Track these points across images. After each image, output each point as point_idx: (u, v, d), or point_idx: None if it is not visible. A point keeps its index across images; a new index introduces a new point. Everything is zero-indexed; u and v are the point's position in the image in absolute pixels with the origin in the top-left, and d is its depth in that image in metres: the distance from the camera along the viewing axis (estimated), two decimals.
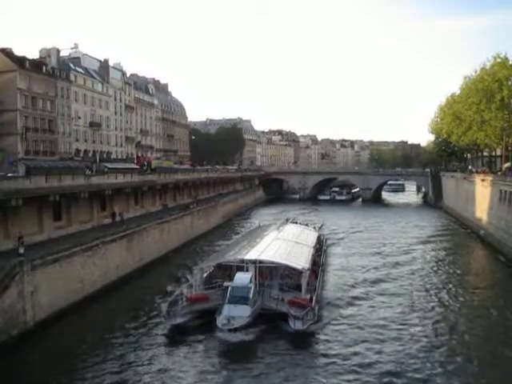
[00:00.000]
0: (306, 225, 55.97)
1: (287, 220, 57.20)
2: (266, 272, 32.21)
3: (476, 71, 69.04)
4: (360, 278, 40.27)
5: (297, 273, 31.52)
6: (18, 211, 34.28)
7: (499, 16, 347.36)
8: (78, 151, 73.25)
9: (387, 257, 49.33)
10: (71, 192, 40.65)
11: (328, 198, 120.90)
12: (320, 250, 44.97)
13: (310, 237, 45.84)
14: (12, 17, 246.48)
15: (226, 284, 28.97)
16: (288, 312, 27.20)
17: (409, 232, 66.10)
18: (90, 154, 75.40)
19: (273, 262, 31.80)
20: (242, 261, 31.10)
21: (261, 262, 30.81)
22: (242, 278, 28.83)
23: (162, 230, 51.19)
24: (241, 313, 26.32)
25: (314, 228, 54.06)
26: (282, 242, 39.05)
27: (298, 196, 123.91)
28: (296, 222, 56.19)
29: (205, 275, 33.23)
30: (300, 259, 33.48)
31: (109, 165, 66.54)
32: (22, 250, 29.92)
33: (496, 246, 50.33)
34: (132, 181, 53.25)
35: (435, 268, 44.48)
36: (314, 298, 29.06)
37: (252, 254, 32.14)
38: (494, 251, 49.82)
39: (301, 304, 27.85)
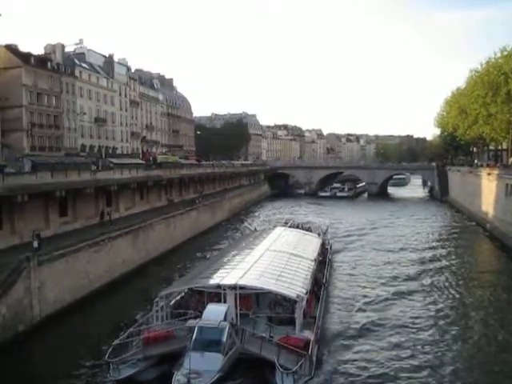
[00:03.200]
0: (308, 228, 48.57)
1: (286, 223, 50.29)
2: (250, 300, 25.13)
3: (482, 64, 68.77)
4: (373, 296, 33.30)
5: (290, 300, 24.28)
6: (24, 207, 34.45)
7: (496, 9, 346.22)
8: (83, 147, 73.45)
9: (400, 265, 43.21)
10: (77, 188, 40.83)
11: (328, 194, 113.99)
12: (324, 261, 37.55)
13: (312, 245, 38.28)
14: (17, 13, 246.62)
15: (189, 324, 21.59)
16: (275, 361, 19.77)
17: (419, 232, 61.23)
18: (96, 150, 75.60)
19: (258, 288, 24.38)
20: (218, 286, 23.86)
21: (242, 287, 23.52)
22: (214, 314, 21.49)
23: (167, 225, 51.34)
24: (209, 365, 19.21)
25: (318, 234, 46.02)
26: (276, 255, 31.56)
27: (303, 191, 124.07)
28: (297, 226, 49.10)
29: (172, 303, 25.87)
30: (296, 281, 26.16)
31: (114, 160, 66.73)
32: (36, 244, 30.18)
33: (502, 239, 50.14)
34: (137, 176, 53.35)
35: (449, 275, 39.72)
36: (312, 340, 21.79)
37: (232, 277, 24.78)
38: (500, 245, 49.58)
39: (293, 350, 20.63)
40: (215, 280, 24.94)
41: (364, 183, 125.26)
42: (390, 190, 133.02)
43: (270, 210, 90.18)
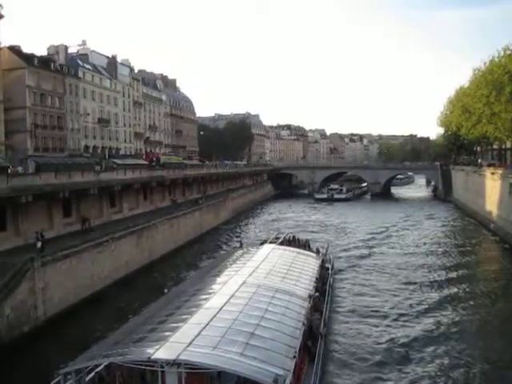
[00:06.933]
0: (305, 244, 39.52)
1: (277, 238, 39.37)
2: (205, 379, 15.80)
3: (485, 63, 68.51)
4: (387, 347, 24.59)
5: None
6: (28, 208, 34.50)
7: (497, 8, 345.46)
8: (86, 148, 73.52)
9: (416, 289, 35.31)
10: (81, 188, 40.86)
11: (325, 196, 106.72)
12: (323, 289, 28.17)
13: (307, 271, 28.58)
14: (20, 14, 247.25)
15: None
16: None
17: (429, 241, 54.94)
18: (99, 151, 75.66)
19: (211, 367, 14.67)
20: (152, 361, 14.45)
21: (188, 363, 14.39)
22: None
23: (171, 225, 51.40)
24: None
25: (317, 250, 36.80)
26: (253, 294, 21.28)
27: (306, 191, 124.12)
28: (291, 241, 39.86)
29: (88, 378, 16.58)
30: (278, 342, 16.91)
31: (118, 161, 66.85)
32: (39, 245, 30.29)
33: (506, 239, 49.98)
34: (141, 176, 53.42)
35: (471, 308, 31.60)
36: None
37: (174, 343, 15.43)
38: (504, 245, 49.39)
39: None
40: (148, 349, 15.18)
41: (365, 184, 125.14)
42: (394, 189, 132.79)
43: (273, 210, 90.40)
